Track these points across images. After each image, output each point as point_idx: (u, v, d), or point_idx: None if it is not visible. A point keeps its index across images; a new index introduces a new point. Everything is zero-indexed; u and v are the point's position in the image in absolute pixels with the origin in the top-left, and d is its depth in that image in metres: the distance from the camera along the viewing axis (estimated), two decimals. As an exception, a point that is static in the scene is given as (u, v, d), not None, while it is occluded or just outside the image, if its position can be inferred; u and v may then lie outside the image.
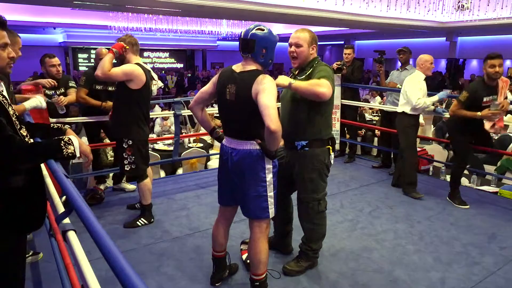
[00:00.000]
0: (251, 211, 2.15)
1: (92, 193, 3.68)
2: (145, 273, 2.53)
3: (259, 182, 2.08)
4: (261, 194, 2.09)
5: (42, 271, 2.55)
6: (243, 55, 2.05)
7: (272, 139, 1.90)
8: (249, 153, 2.05)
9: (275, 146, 1.97)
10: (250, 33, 2.00)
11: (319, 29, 13.94)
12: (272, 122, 1.83)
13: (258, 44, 2.00)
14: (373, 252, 2.84)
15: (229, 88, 2.04)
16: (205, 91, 2.23)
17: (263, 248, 2.17)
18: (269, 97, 1.89)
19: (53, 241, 1.94)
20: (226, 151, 2.14)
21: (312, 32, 2.40)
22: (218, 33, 15.03)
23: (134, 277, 0.82)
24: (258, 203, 2.11)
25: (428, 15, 10.01)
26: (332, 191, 3.95)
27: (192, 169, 5.10)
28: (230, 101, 2.05)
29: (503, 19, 8.85)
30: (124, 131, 3.08)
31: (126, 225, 3.18)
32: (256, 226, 2.17)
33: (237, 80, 2.02)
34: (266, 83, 1.94)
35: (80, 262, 1.13)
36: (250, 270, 2.25)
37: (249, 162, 2.05)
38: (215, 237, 2.36)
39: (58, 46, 16.50)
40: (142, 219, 3.22)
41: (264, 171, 2.07)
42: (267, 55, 2.04)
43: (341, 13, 9.41)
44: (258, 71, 2.02)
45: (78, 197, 1.24)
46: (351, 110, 5.23)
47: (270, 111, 1.85)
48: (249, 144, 2.05)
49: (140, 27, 12.47)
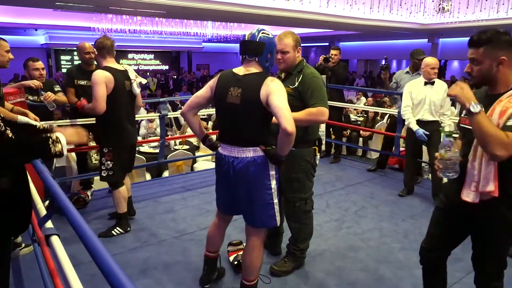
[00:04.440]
0: (258, 220, 2.07)
1: (76, 197, 3.62)
2: (131, 277, 2.47)
3: (264, 190, 2.01)
4: (268, 201, 2.02)
5: (25, 277, 2.50)
6: (248, 59, 1.98)
7: (287, 141, 1.82)
8: (253, 161, 1.96)
9: (287, 150, 1.90)
10: (259, 36, 1.93)
11: (304, 31, 14.04)
12: (289, 123, 1.75)
13: (267, 48, 1.95)
14: (359, 251, 2.88)
15: (231, 91, 1.95)
16: (200, 95, 2.11)
17: (259, 255, 2.13)
18: (282, 99, 1.84)
19: (36, 246, 1.91)
20: (226, 160, 2.01)
21: (294, 34, 2.40)
22: (203, 34, 14.98)
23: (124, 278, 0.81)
24: (265, 212, 2.04)
25: (410, 17, 10.19)
26: (318, 191, 3.98)
27: (178, 171, 5.07)
28: (234, 104, 1.94)
29: (482, 21, 9.07)
30: (103, 138, 3.02)
31: (101, 235, 3.01)
32: (255, 234, 2.11)
33: (242, 83, 1.94)
34: (276, 85, 1.89)
35: (64, 267, 1.11)
36: (243, 275, 2.19)
37: (253, 170, 1.96)
38: (212, 238, 2.30)
39: (40, 48, 16.21)
40: (118, 228, 3.07)
41: (269, 178, 2.00)
42: (271, 60, 2.01)
43: (326, 15, 9.50)
44: (264, 73, 1.97)
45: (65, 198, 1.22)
46: (336, 111, 5.28)
47: (285, 112, 1.78)
48: (252, 151, 1.97)
49: (124, 28, 12.34)
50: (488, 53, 1.53)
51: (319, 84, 2.33)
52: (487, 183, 1.58)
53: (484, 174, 1.59)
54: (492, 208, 1.65)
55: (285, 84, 2.41)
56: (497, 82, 1.58)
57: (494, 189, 1.58)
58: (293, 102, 2.34)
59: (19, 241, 2.79)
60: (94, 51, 3.62)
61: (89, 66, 3.68)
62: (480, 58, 1.55)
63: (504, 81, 1.57)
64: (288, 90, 2.36)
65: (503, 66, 1.53)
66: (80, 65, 3.74)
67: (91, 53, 3.61)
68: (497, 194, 1.58)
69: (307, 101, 2.30)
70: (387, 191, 4.10)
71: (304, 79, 2.33)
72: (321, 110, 2.26)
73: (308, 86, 2.31)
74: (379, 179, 4.55)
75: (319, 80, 2.35)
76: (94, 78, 2.85)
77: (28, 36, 15.71)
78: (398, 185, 4.21)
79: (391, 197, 3.95)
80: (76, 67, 3.80)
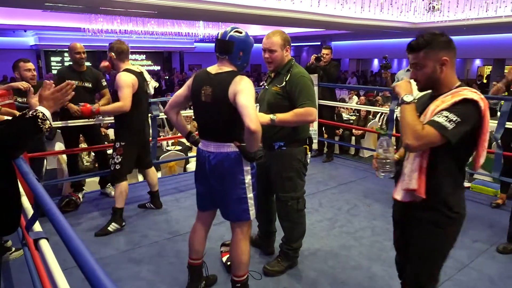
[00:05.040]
0: (231, 214, 2.13)
1: (67, 199, 3.58)
2: (124, 279, 2.49)
3: (238, 185, 2.05)
4: (241, 196, 2.07)
5: (16, 282, 2.47)
6: (220, 57, 2.03)
7: (252, 139, 1.87)
8: (227, 156, 2.02)
9: (255, 147, 1.95)
10: (228, 35, 1.97)
11: (296, 30, 14.06)
12: (252, 122, 1.80)
13: (237, 46, 1.98)
14: (351, 249, 2.89)
15: (204, 90, 2.01)
16: (180, 94, 2.20)
17: (244, 249, 2.15)
18: (247, 98, 1.87)
19: (26, 250, 1.89)
20: (203, 155, 2.09)
21: (283, 33, 2.39)
22: (195, 34, 14.93)
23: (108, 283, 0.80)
24: (239, 206, 2.08)
25: (400, 16, 10.25)
26: (311, 190, 3.99)
27: (171, 172, 5.05)
28: (206, 103, 2.01)
29: (471, 20, 9.16)
30: (119, 134, 3.22)
31: (97, 233, 3.09)
32: (238, 228, 2.15)
33: (213, 82, 1.99)
34: (244, 84, 1.92)
35: (52, 271, 1.10)
36: (232, 271, 2.23)
37: (227, 165, 2.02)
38: (192, 243, 2.29)
39: (29, 49, 16.01)
40: (113, 224, 3.14)
41: (243, 173, 2.05)
42: (243, 58, 2.03)
43: (317, 14, 9.52)
44: (235, 72, 2.00)
45: (49, 201, 1.20)
46: (329, 109, 5.30)
47: (250, 111, 1.82)
48: (226, 147, 2.02)
49: (114, 29, 12.24)
50: (429, 56, 1.54)
51: (307, 84, 2.33)
52: (410, 180, 1.58)
53: (410, 171, 1.59)
54: (420, 211, 1.63)
55: (273, 83, 2.42)
56: (441, 83, 1.58)
57: (417, 188, 1.56)
58: (281, 101, 2.35)
59: (9, 245, 2.76)
60: (85, 51, 3.63)
61: (80, 67, 3.67)
62: (422, 62, 1.55)
63: (447, 82, 1.57)
64: (276, 89, 2.36)
65: (446, 66, 1.54)
66: (71, 66, 3.72)
67: (82, 54, 3.61)
68: (422, 194, 1.56)
69: (295, 101, 2.30)
70: (380, 190, 4.12)
71: (292, 79, 2.33)
72: (308, 111, 2.27)
73: (296, 86, 2.31)
74: (372, 178, 4.57)
75: (307, 79, 2.35)
76: (122, 80, 3.03)
77: (17, 38, 15.52)
78: (390, 184, 4.22)
79: (383, 196, 3.97)
80: (67, 67, 3.79)
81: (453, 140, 1.44)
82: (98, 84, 3.76)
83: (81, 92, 3.62)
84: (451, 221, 1.60)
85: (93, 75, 3.74)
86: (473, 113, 1.48)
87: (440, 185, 1.57)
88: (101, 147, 3.97)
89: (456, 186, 1.62)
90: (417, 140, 1.46)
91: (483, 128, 1.51)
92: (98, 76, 3.78)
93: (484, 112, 1.48)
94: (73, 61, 3.66)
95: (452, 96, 1.51)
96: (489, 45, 14.03)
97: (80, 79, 3.63)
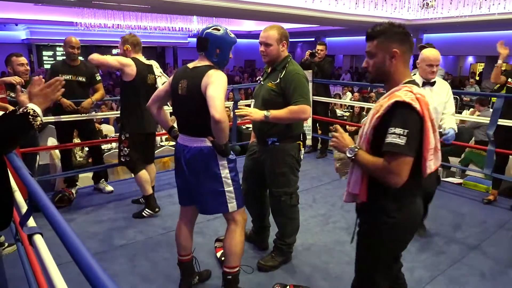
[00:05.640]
0: (208, 208, 2.15)
1: (60, 194, 3.56)
2: (118, 275, 2.48)
3: (214, 179, 2.05)
4: (218, 189, 2.06)
5: (9, 277, 2.45)
6: (199, 53, 2.06)
7: (218, 129, 1.86)
8: (200, 151, 2.02)
9: (223, 139, 1.94)
10: (205, 32, 2.00)
11: (290, 26, 14.03)
12: (217, 111, 1.80)
13: (212, 43, 1.99)
14: (345, 245, 2.91)
15: (181, 83, 2.03)
16: (161, 89, 2.23)
17: (237, 240, 2.15)
18: (216, 89, 1.88)
19: (19, 245, 1.87)
20: (180, 149, 2.11)
21: (281, 28, 2.38)
22: (188, 30, 14.84)
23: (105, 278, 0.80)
24: (215, 199, 2.09)
25: (395, 12, 10.27)
26: (305, 186, 4.01)
27: (165, 167, 5.03)
28: (182, 96, 2.03)
29: (465, 17, 9.22)
30: (123, 124, 3.28)
31: (134, 215, 3.32)
32: (230, 218, 2.16)
33: (189, 75, 2.02)
34: (215, 76, 1.93)
35: (47, 267, 1.09)
36: (223, 263, 2.22)
37: (201, 160, 2.03)
38: (178, 240, 2.29)
39: (21, 43, 15.79)
40: (147, 209, 3.31)
41: (218, 168, 2.04)
42: (221, 55, 2.03)
43: (311, 10, 9.52)
44: (210, 66, 2.01)
45: (43, 196, 1.19)
46: (323, 106, 5.31)
47: (216, 101, 1.83)
48: (200, 142, 2.02)
49: (107, 23, 12.12)
50: (381, 46, 1.49)
51: (302, 81, 2.33)
52: (354, 185, 1.56)
53: (355, 176, 1.56)
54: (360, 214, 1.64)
55: (268, 79, 2.41)
56: (391, 78, 1.52)
57: (358, 193, 1.54)
58: (275, 98, 2.35)
59: (2, 241, 2.74)
60: (79, 47, 3.61)
61: (73, 61, 3.64)
62: (374, 51, 1.51)
63: (396, 77, 1.51)
64: (271, 85, 2.36)
65: (396, 59, 1.49)
66: (64, 60, 3.69)
67: (76, 49, 3.60)
68: (364, 198, 1.55)
69: (289, 98, 2.30)
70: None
71: (287, 76, 2.33)
72: (302, 108, 2.27)
73: (290, 83, 2.30)
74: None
75: (301, 77, 2.34)
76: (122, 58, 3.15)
77: (8, 31, 15.30)
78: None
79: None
80: (61, 62, 3.75)
81: (410, 154, 1.38)
82: (92, 78, 3.74)
83: (75, 86, 3.59)
84: (386, 226, 1.53)
85: (87, 70, 3.71)
86: (411, 117, 1.39)
87: (380, 191, 1.51)
88: (95, 142, 3.95)
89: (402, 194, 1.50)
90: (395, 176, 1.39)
91: (424, 130, 1.41)
92: (92, 70, 3.75)
93: (422, 112, 1.40)
94: (66, 55, 3.64)
95: (389, 98, 1.46)
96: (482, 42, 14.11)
97: (74, 73, 3.61)
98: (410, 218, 1.56)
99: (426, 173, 1.48)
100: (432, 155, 1.45)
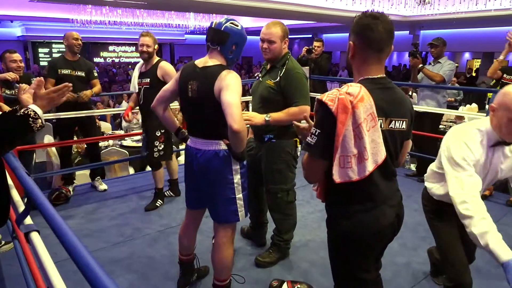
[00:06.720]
0: (220, 215, 2.03)
1: (57, 192, 3.56)
2: (116, 272, 2.49)
3: (226, 185, 1.95)
4: (230, 197, 1.97)
5: (6, 275, 2.45)
6: (211, 47, 1.91)
7: (236, 139, 1.77)
8: (215, 154, 1.92)
9: (241, 147, 1.84)
10: (224, 26, 1.86)
11: (287, 22, 14.01)
12: (235, 121, 1.70)
13: (231, 39, 1.87)
14: (342, 241, 2.92)
15: (191, 85, 1.90)
16: (167, 89, 2.07)
17: (228, 253, 2.05)
18: (232, 95, 1.76)
19: (16, 243, 1.87)
20: (191, 152, 1.99)
21: (283, 25, 2.38)
22: (185, 26, 14.80)
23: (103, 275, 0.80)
24: (227, 207, 1.99)
25: (392, 9, 10.28)
26: (302, 182, 3.99)
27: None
28: (193, 98, 1.91)
29: (461, 13, 9.24)
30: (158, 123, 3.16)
31: (147, 208, 3.46)
32: (222, 229, 2.05)
33: (199, 76, 1.88)
34: (230, 79, 1.80)
35: (44, 264, 1.09)
36: (214, 275, 2.12)
37: (215, 164, 1.92)
38: (182, 240, 2.23)
39: (16, 40, 15.71)
40: (159, 200, 3.53)
41: (232, 173, 1.95)
42: (235, 52, 1.92)
43: (308, 6, 9.51)
44: (222, 66, 1.88)
45: (40, 194, 1.19)
46: (320, 102, 5.31)
47: (233, 109, 1.72)
48: (215, 145, 1.92)
49: (104, 20, 12.07)
50: (349, 37, 1.38)
51: (302, 81, 2.33)
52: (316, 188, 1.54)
53: None
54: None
55: (267, 77, 2.41)
56: (355, 73, 1.41)
57: (318, 196, 1.52)
58: (274, 96, 2.34)
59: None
60: (81, 39, 3.62)
61: (74, 55, 3.66)
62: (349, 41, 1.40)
63: (355, 73, 1.41)
64: (270, 83, 2.35)
65: (353, 53, 1.37)
66: (63, 56, 3.68)
67: (80, 40, 3.63)
68: (321, 198, 1.51)
69: (290, 98, 2.30)
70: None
71: (287, 74, 2.31)
72: (302, 109, 2.27)
73: (291, 82, 2.29)
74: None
75: (302, 75, 2.34)
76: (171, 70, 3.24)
77: (3, 28, 15.21)
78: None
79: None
80: (60, 57, 3.75)
81: (316, 156, 1.32)
82: (90, 74, 3.76)
83: (74, 81, 3.58)
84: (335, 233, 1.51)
85: (85, 65, 3.76)
86: (324, 117, 1.29)
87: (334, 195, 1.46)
88: (93, 139, 3.95)
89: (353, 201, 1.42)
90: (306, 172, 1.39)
91: (336, 133, 1.27)
92: (90, 66, 3.81)
93: (336, 113, 1.26)
94: (68, 47, 3.63)
95: None
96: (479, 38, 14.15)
97: (73, 68, 3.62)
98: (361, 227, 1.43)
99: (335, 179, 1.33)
100: (349, 163, 1.30)
